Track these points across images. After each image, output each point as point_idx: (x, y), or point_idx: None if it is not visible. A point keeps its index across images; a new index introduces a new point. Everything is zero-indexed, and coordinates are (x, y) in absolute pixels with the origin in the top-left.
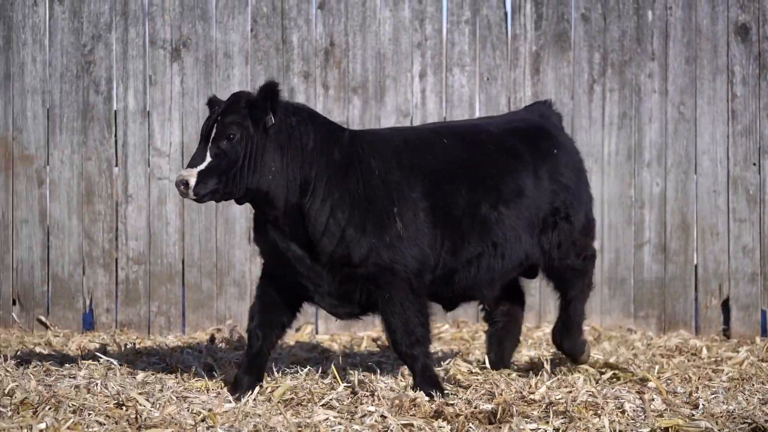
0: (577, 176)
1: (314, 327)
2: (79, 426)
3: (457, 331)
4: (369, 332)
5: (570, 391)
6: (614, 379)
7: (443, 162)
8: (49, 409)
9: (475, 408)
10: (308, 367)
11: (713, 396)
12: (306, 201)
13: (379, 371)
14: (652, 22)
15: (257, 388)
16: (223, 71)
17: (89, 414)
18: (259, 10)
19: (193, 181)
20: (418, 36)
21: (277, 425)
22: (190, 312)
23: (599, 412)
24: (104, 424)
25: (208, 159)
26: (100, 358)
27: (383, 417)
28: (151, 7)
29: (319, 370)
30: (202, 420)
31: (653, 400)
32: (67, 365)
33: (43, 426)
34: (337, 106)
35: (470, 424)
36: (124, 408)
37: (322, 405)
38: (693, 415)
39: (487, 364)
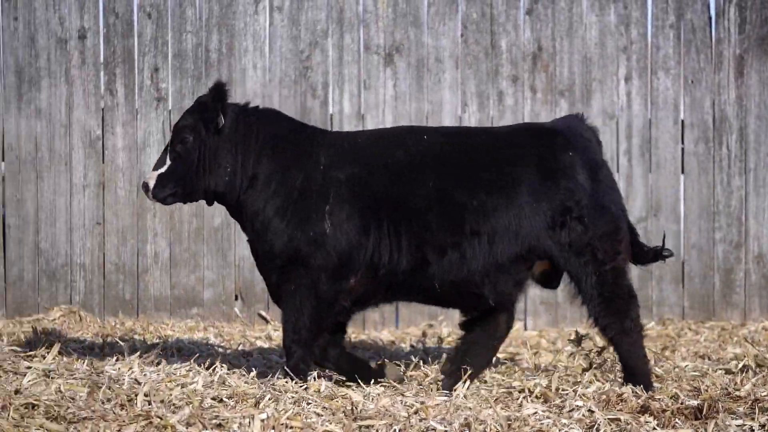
0: (595, 181)
1: (523, 323)
2: (298, 417)
3: (663, 329)
4: (576, 327)
5: None
6: None
7: (413, 156)
8: (270, 399)
9: (681, 404)
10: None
11: None
12: (248, 193)
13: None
14: None
15: (468, 382)
16: (434, 75)
17: (307, 405)
18: (468, 16)
19: (152, 184)
20: (624, 40)
21: (488, 418)
22: (403, 307)
23: None
24: (321, 415)
25: (168, 163)
26: None
27: (591, 411)
28: (365, 14)
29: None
30: (415, 412)
31: None
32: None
33: (264, 416)
34: (545, 109)
35: (676, 420)
36: (339, 400)
37: (531, 399)
38: None
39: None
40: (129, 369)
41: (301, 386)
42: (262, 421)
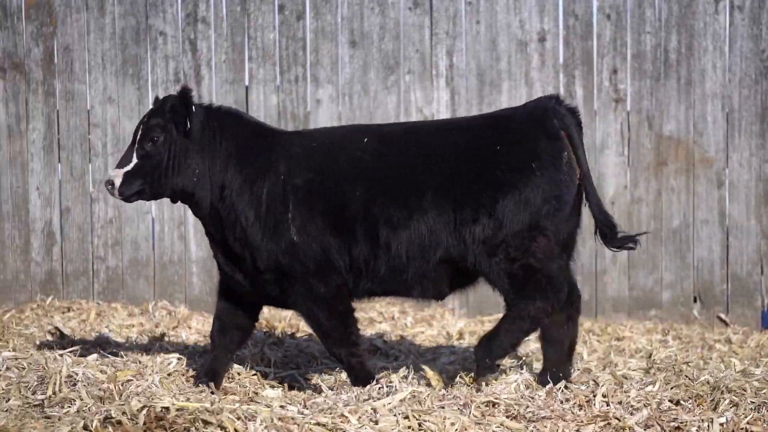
0: (526, 176)
1: None
2: (758, 422)
3: None
4: None
5: None
6: None
7: (352, 162)
8: (729, 404)
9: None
10: None
11: None
12: (221, 206)
13: None
14: None
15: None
16: None
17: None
18: None
19: (118, 182)
20: None
21: None
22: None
23: None
24: None
25: (135, 160)
26: None
27: None
28: None
29: None
30: None
31: None
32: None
33: (723, 420)
34: None
35: None
36: None
37: None
38: None
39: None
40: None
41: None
42: (722, 425)
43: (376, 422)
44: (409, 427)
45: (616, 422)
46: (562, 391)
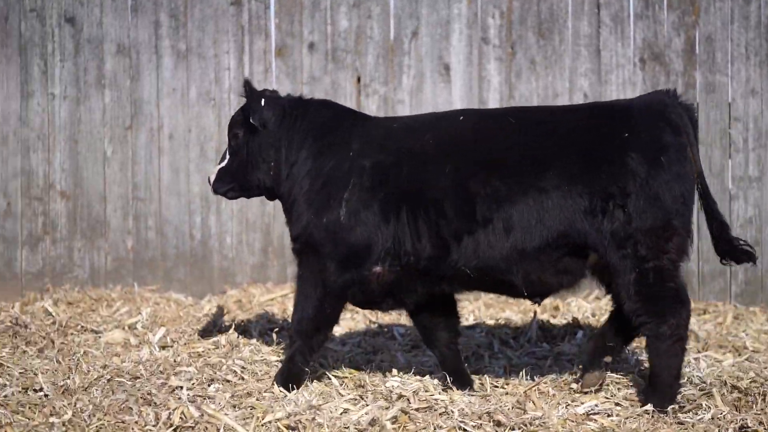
0: (654, 169)
1: None
2: None
3: None
4: None
5: None
6: None
7: (440, 143)
8: None
9: None
10: None
11: None
12: (284, 183)
13: None
14: None
15: None
16: None
17: None
18: None
19: (212, 178)
20: None
21: None
22: None
23: None
24: None
25: (227, 157)
26: None
27: None
28: None
29: None
30: None
31: None
32: None
33: None
34: None
35: None
36: None
37: None
38: None
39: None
40: None
41: None
42: None
43: None
44: None
45: None
46: None
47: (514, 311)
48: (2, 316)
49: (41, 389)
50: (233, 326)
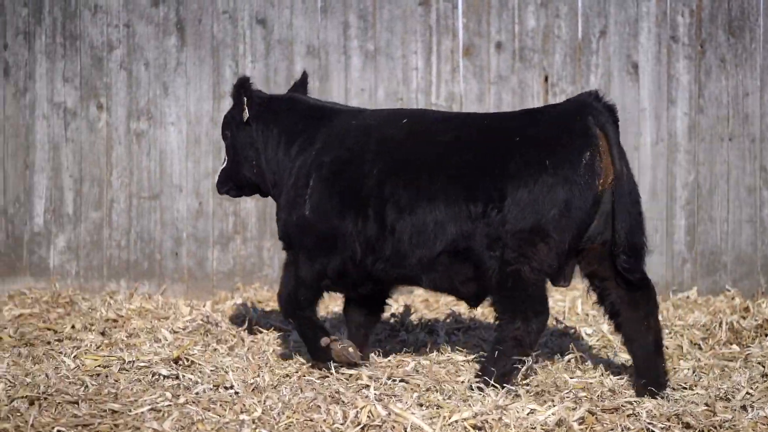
0: (536, 178)
1: None
2: None
3: None
4: None
5: None
6: None
7: (381, 144)
8: None
9: None
10: None
11: None
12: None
13: None
14: None
15: None
16: None
17: None
18: None
19: (215, 179)
20: None
21: None
22: None
23: None
24: None
25: (226, 158)
26: None
27: None
28: None
29: None
30: None
31: None
32: None
33: None
34: None
35: None
36: None
37: None
38: None
39: None
40: None
41: None
42: None
43: None
44: None
45: None
46: None
47: (703, 312)
48: (194, 314)
49: (232, 387)
50: (420, 325)
